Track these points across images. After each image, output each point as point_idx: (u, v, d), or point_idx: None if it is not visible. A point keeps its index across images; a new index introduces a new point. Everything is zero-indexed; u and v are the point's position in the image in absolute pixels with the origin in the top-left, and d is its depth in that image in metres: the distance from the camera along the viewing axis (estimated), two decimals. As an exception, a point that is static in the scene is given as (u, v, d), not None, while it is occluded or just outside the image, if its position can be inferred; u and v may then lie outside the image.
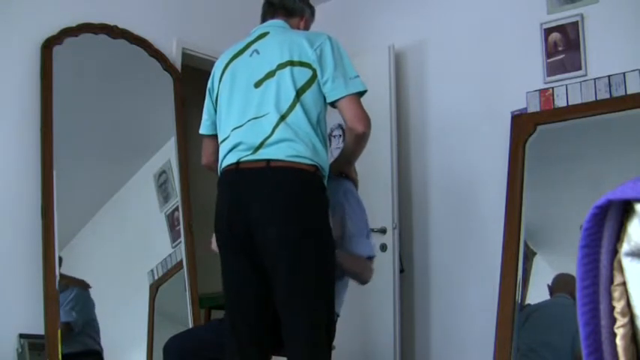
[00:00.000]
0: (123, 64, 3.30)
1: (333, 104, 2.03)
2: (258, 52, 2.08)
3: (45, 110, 2.89)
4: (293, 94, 1.96)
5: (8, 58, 2.87)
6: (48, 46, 2.97)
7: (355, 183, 2.33)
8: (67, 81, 3.01)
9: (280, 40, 2.06)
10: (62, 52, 3.00)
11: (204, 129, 2.23)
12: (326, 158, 2.01)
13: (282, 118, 1.94)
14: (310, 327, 1.88)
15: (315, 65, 1.99)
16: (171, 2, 3.60)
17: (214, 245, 2.13)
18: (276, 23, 2.18)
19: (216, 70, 2.17)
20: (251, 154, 1.94)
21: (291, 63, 1.99)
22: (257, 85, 2.02)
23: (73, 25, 3.08)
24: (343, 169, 2.26)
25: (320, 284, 1.92)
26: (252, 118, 1.98)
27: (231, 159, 1.98)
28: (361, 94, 2.03)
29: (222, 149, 2.04)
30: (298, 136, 1.93)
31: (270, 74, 2.01)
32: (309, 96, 1.98)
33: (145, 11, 3.44)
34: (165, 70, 3.44)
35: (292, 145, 1.91)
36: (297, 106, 1.96)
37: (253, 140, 1.94)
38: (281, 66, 2.00)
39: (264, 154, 1.92)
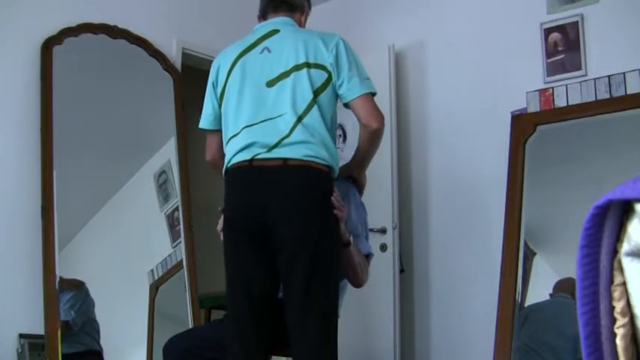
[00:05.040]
0: (123, 64, 3.30)
1: (347, 104, 2.04)
2: (269, 50, 2.06)
3: (45, 110, 2.89)
4: (311, 95, 1.97)
5: (8, 58, 2.88)
6: (48, 46, 2.97)
7: (362, 188, 2.31)
8: (67, 81, 3.00)
9: (294, 40, 2.05)
10: (62, 52, 3.00)
11: (207, 124, 2.18)
12: (338, 160, 2.03)
13: (300, 119, 1.94)
14: (322, 325, 1.89)
15: (331, 68, 2.01)
16: (171, 2, 3.60)
17: (220, 227, 2.09)
18: (284, 21, 2.15)
19: (223, 64, 2.13)
20: (266, 152, 1.93)
21: (308, 65, 2.00)
22: (270, 84, 2.01)
23: (73, 25, 3.08)
24: (354, 172, 2.25)
25: (332, 283, 1.94)
26: (266, 119, 1.97)
27: (244, 156, 1.96)
28: (373, 94, 2.05)
29: (232, 146, 2.01)
30: (314, 137, 1.94)
31: (284, 74, 2.00)
32: (324, 98, 2.00)
33: (145, 11, 3.44)
34: (165, 70, 3.44)
35: (309, 146, 1.93)
36: (314, 108, 1.96)
37: (269, 140, 1.94)
38: (297, 67, 1.99)
39: (280, 152, 1.92)
